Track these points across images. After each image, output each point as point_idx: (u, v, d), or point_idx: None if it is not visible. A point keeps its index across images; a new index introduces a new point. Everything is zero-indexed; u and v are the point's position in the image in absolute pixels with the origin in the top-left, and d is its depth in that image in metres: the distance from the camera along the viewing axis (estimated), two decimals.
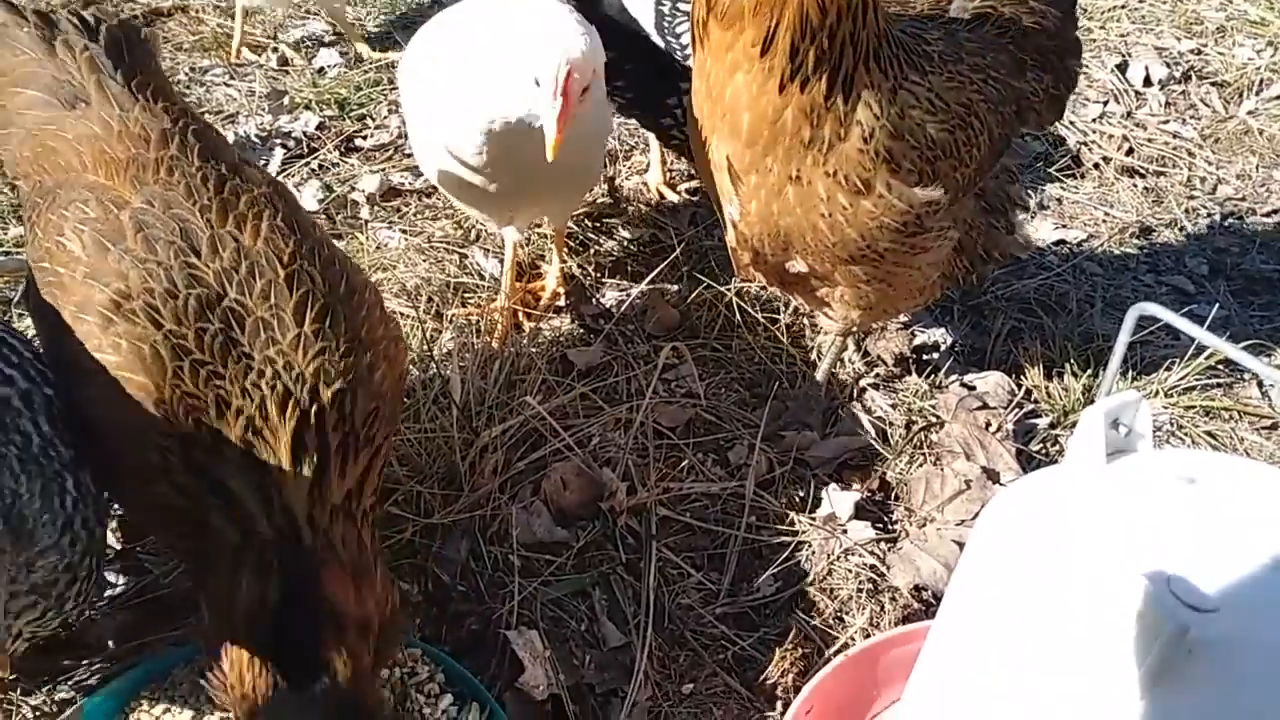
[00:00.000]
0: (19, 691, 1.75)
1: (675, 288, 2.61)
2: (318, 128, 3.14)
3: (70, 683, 1.77)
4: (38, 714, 1.73)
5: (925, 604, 1.94)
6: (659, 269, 2.52)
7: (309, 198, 2.90)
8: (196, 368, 1.42)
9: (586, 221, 2.88)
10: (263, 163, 2.92)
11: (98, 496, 1.53)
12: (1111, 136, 3.28)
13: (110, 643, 1.84)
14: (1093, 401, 1.19)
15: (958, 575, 1.26)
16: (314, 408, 1.43)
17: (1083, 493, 1.11)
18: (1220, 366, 2.45)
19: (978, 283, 2.34)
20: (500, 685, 1.77)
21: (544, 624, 1.88)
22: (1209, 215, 3.05)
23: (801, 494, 2.16)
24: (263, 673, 1.33)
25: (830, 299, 2.08)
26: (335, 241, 2.70)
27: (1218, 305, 2.61)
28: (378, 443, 1.53)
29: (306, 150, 3.10)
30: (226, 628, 1.36)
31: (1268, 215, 3.07)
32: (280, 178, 2.96)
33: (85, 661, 1.80)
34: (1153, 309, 1.11)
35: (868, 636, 1.84)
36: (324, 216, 2.85)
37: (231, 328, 1.46)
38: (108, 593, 1.93)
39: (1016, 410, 2.33)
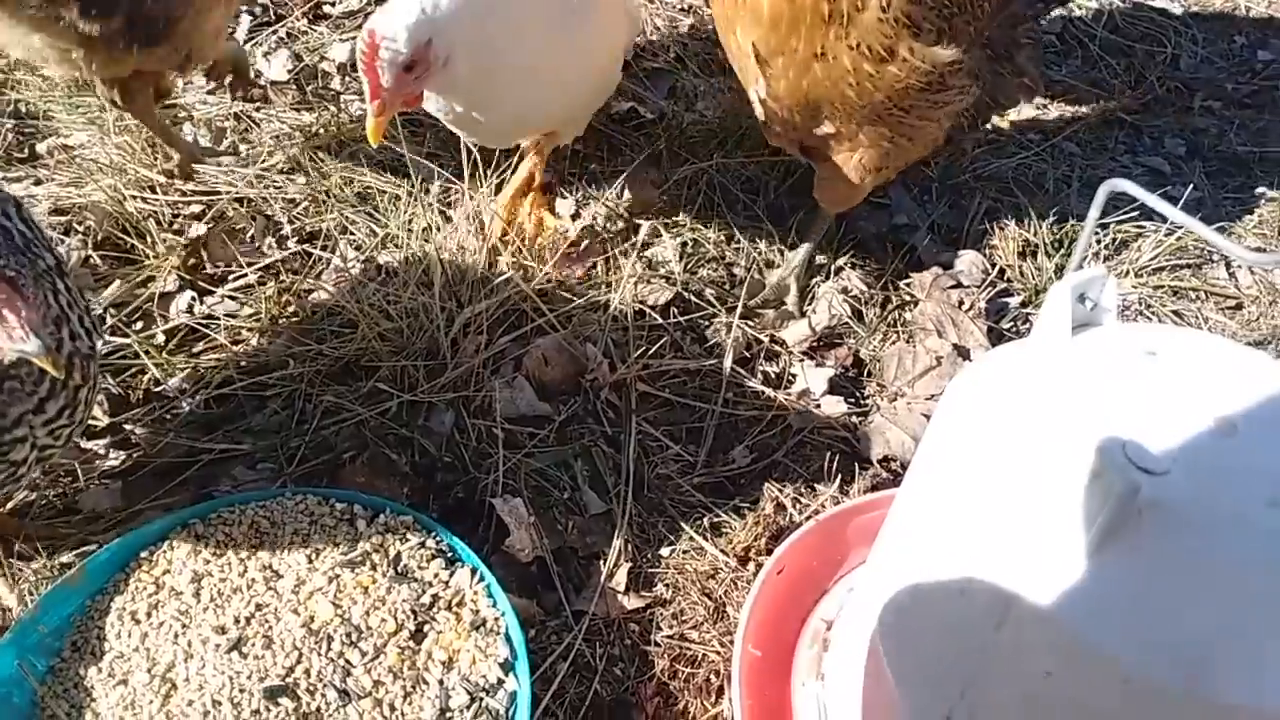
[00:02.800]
0: (17, 557, 1.81)
1: (651, 169, 2.60)
2: None
3: (71, 550, 1.83)
4: (39, 577, 1.79)
5: (893, 474, 2.02)
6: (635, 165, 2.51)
7: (278, 68, 2.82)
8: None
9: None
10: (230, 30, 2.83)
11: (87, 309, 1.56)
12: (1099, 13, 3.24)
13: (107, 511, 1.90)
14: None
15: (924, 442, 1.32)
16: None
17: (1046, 363, 1.16)
18: (1190, 247, 2.50)
19: (981, 125, 2.36)
20: (487, 549, 1.85)
21: (528, 493, 1.95)
22: (1190, 95, 3.04)
23: (777, 370, 2.22)
24: None
25: (848, 163, 2.13)
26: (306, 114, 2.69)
27: (1191, 186, 2.64)
28: None
29: (274, 18, 3.00)
30: None
31: (1248, 96, 3.06)
32: (248, 46, 2.88)
33: (83, 531, 1.86)
34: (1124, 185, 1.14)
35: (837, 504, 1.93)
36: (294, 87, 2.79)
37: None
38: (100, 465, 1.98)
39: (990, 289, 2.38)
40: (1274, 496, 1.02)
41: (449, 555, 1.75)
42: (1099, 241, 2.51)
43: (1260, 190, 2.74)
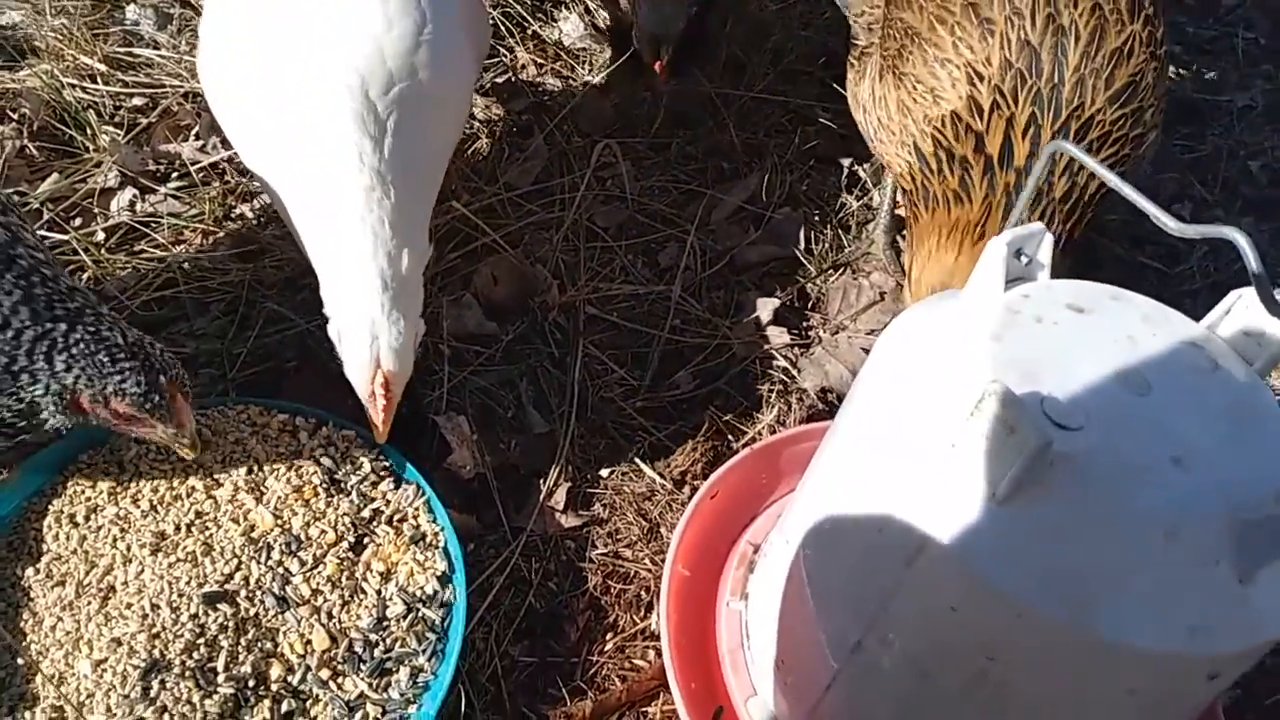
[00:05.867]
0: None
1: (604, 81, 2.55)
2: None
3: None
4: None
5: (829, 405, 2.08)
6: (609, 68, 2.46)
7: None
8: None
9: (528, 0, 2.76)
10: None
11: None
12: None
13: None
14: None
15: (857, 381, 1.36)
16: None
17: (978, 315, 1.19)
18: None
19: None
20: (429, 464, 1.88)
21: (472, 411, 1.97)
22: None
23: (724, 299, 2.24)
24: None
25: None
26: None
27: None
28: None
29: None
30: None
31: (1209, 42, 3.08)
32: None
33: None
34: (1066, 146, 1.16)
35: (774, 433, 1.98)
36: None
37: None
38: None
39: None
40: (1178, 454, 1.08)
41: (390, 470, 1.77)
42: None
43: (1209, 139, 2.78)
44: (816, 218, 2.40)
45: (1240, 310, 1.20)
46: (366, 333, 1.58)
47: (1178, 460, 1.07)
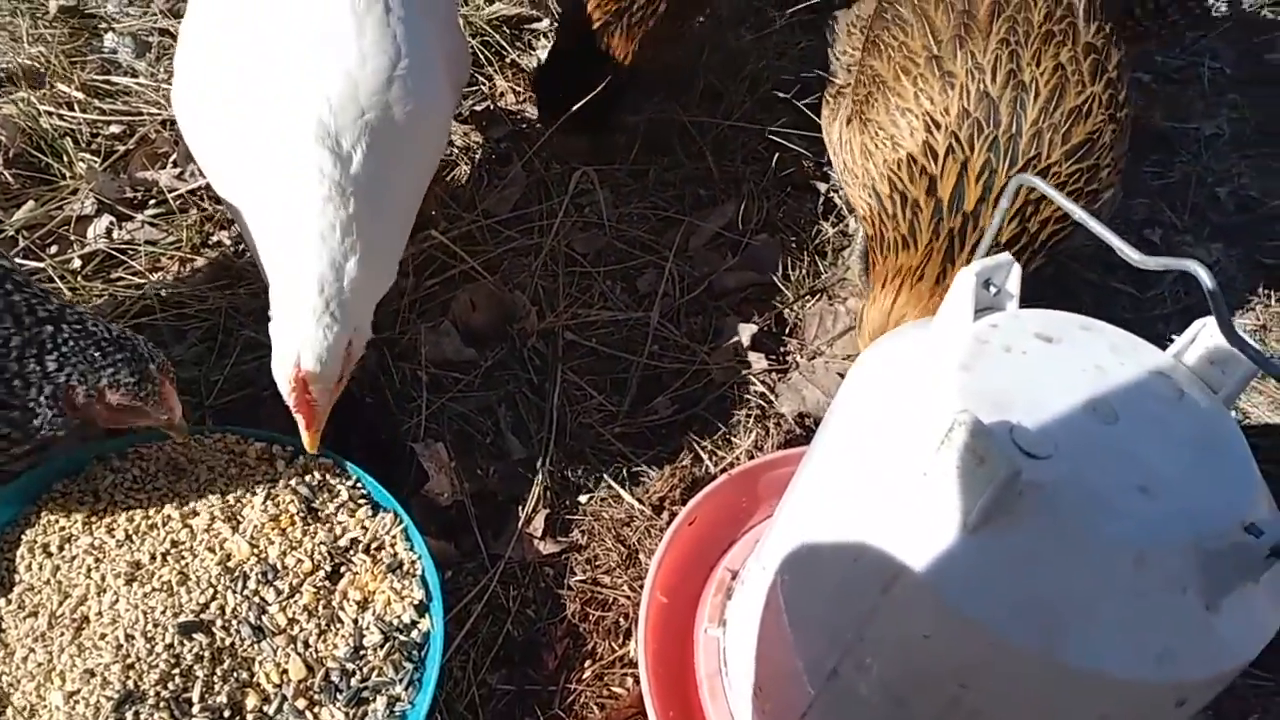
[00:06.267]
0: None
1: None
2: None
3: None
4: None
5: (807, 430, 2.09)
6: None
7: None
8: None
9: (506, 29, 2.79)
10: None
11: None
12: None
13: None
14: None
15: (831, 410, 1.38)
16: None
17: (948, 344, 1.21)
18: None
19: None
20: (407, 491, 1.87)
21: (450, 437, 1.97)
22: None
23: (702, 324, 2.26)
24: None
25: None
26: None
27: None
28: None
29: None
30: None
31: (1176, 71, 3.14)
32: None
33: None
34: (1032, 180, 1.18)
35: (752, 458, 1.99)
36: None
37: None
38: None
39: None
40: (1145, 483, 1.10)
41: (368, 498, 1.77)
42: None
43: (1178, 166, 2.83)
44: (793, 244, 2.42)
45: (1205, 339, 1.23)
46: (293, 330, 1.56)
47: (1145, 489, 1.09)
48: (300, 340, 1.55)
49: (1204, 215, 2.72)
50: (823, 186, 2.54)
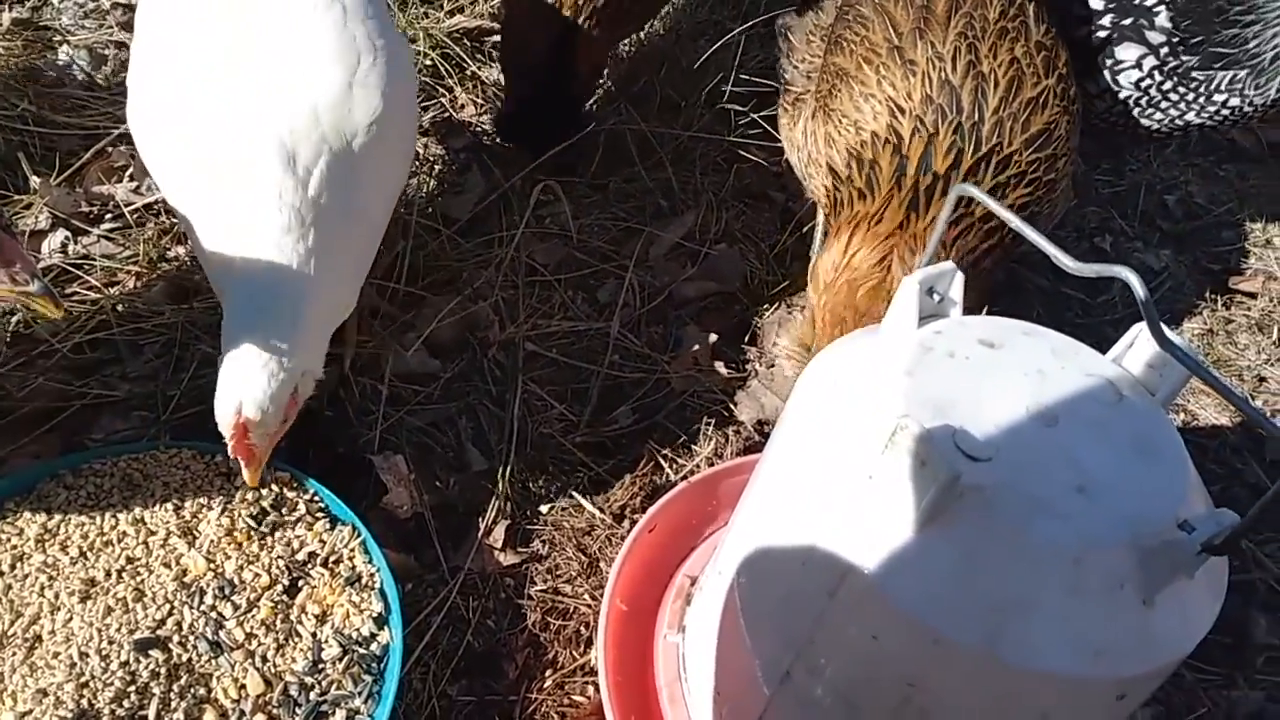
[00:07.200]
0: None
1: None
2: None
3: None
4: None
5: (766, 437, 2.11)
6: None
7: None
8: None
9: (466, 42, 2.80)
10: None
11: None
12: None
13: None
14: None
15: (781, 417, 1.40)
16: None
17: (892, 351, 1.24)
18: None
19: None
20: (366, 504, 1.87)
21: (410, 449, 1.97)
22: None
23: (663, 334, 2.28)
24: None
25: None
26: None
27: None
28: None
29: None
30: None
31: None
32: None
33: None
34: (969, 190, 1.21)
35: (711, 465, 2.01)
36: None
37: None
38: None
39: None
40: (1083, 483, 1.13)
41: (326, 511, 1.77)
42: None
43: (1128, 174, 2.90)
44: (752, 253, 2.45)
45: (1142, 343, 1.26)
46: (238, 374, 1.54)
47: (1083, 489, 1.12)
48: (244, 387, 1.53)
49: (1153, 222, 2.79)
50: (780, 196, 2.57)
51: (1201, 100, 2.05)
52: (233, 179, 1.59)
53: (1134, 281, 1.06)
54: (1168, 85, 2.08)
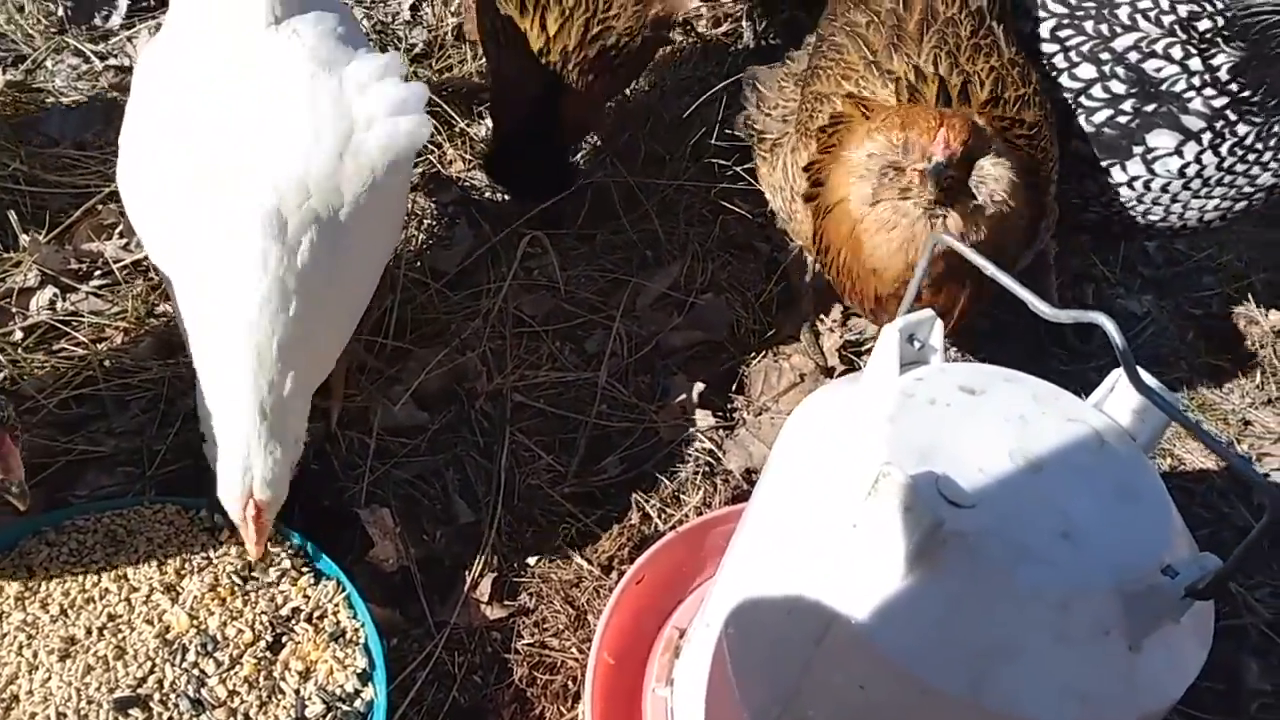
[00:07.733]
0: None
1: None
2: None
3: None
4: None
5: (754, 485, 2.10)
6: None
7: None
8: None
9: (457, 103, 2.84)
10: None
11: None
12: None
13: None
14: None
15: (767, 465, 1.40)
16: None
17: (874, 398, 1.25)
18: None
19: None
20: (351, 558, 1.86)
21: (397, 502, 1.96)
22: None
23: (650, 383, 2.28)
24: None
25: None
26: None
27: None
28: None
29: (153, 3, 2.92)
30: None
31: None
32: (128, 31, 2.79)
33: None
34: (947, 240, 1.23)
35: (699, 515, 2.00)
36: None
37: None
38: None
39: (854, 316, 2.49)
40: (1067, 529, 1.13)
41: (310, 566, 1.75)
42: None
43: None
44: (738, 303, 2.46)
45: (1123, 388, 1.27)
46: (240, 462, 1.55)
47: (1066, 535, 1.12)
48: (248, 471, 1.55)
49: (1134, 268, 2.81)
50: (765, 247, 2.59)
51: None
52: (219, 245, 1.60)
53: (1109, 327, 1.07)
54: (1230, 160, 1.95)
